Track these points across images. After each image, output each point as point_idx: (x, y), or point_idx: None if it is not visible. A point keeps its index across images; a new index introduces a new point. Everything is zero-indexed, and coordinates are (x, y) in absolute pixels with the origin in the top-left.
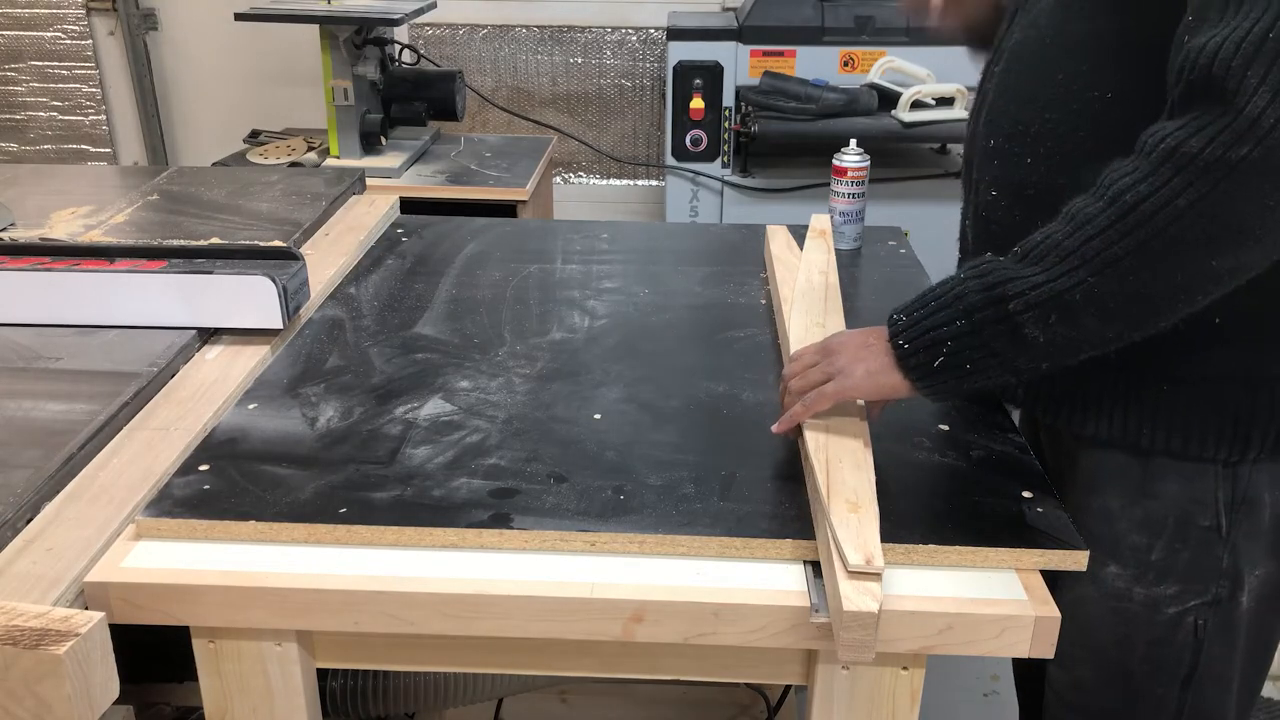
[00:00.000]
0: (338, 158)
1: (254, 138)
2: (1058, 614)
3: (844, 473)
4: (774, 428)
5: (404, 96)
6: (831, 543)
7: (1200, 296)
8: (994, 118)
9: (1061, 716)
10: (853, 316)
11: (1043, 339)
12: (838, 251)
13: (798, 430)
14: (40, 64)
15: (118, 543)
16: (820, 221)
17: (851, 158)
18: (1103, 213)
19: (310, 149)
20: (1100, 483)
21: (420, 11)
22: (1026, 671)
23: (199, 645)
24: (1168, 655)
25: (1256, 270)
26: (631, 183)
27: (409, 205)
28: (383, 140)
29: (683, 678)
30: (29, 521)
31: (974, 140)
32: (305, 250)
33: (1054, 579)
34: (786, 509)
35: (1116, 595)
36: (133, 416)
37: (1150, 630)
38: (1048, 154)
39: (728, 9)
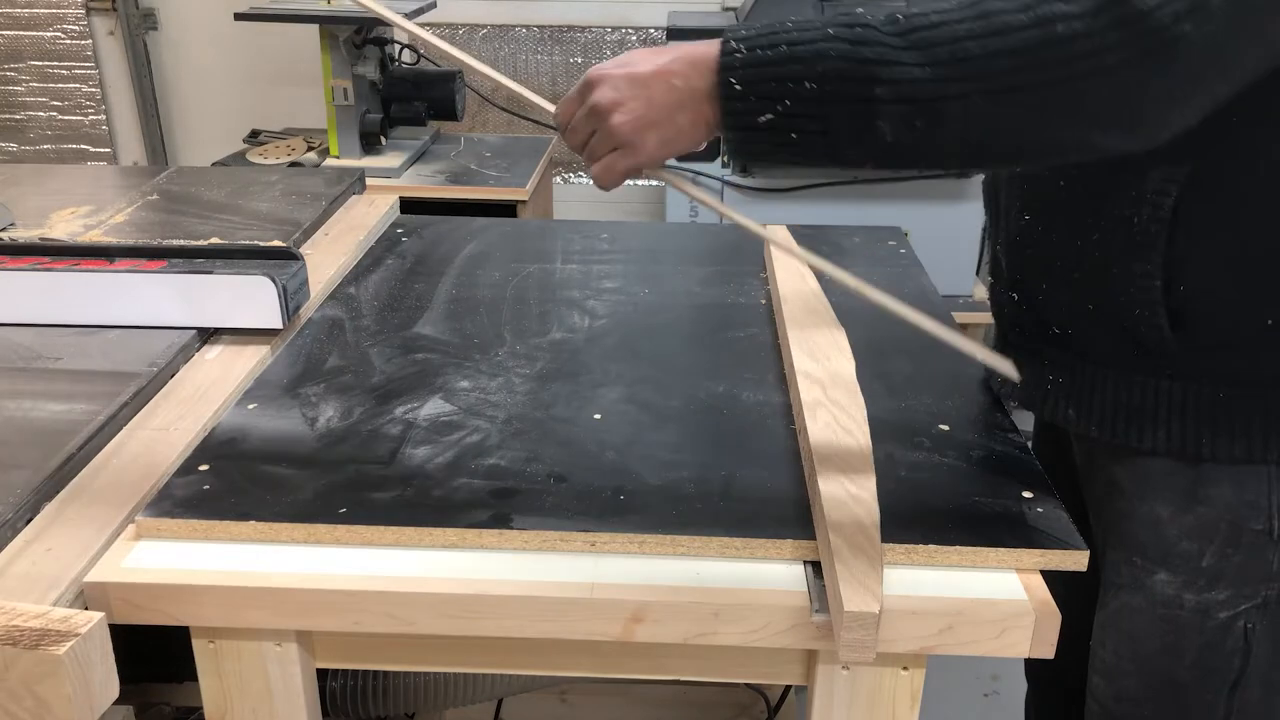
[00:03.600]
0: (338, 158)
1: (254, 138)
2: (1058, 614)
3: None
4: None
5: (404, 96)
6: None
7: (1058, 160)
8: None
9: None
10: (853, 316)
11: (890, 138)
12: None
13: (798, 430)
14: (40, 64)
15: (118, 543)
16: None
17: None
18: (1024, 30)
19: (310, 149)
20: (1147, 490)
21: (420, 11)
22: (1043, 674)
23: (199, 645)
24: (1217, 661)
25: (1112, 158)
26: (631, 183)
27: (409, 205)
28: (383, 140)
29: (683, 678)
30: (29, 521)
31: None
32: (305, 250)
33: (1094, 591)
34: (786, 509)
35: (1166, 603)
36: (133, 416)
37: (1200, 636)
38: (1079, 175)
39: (728, 9)
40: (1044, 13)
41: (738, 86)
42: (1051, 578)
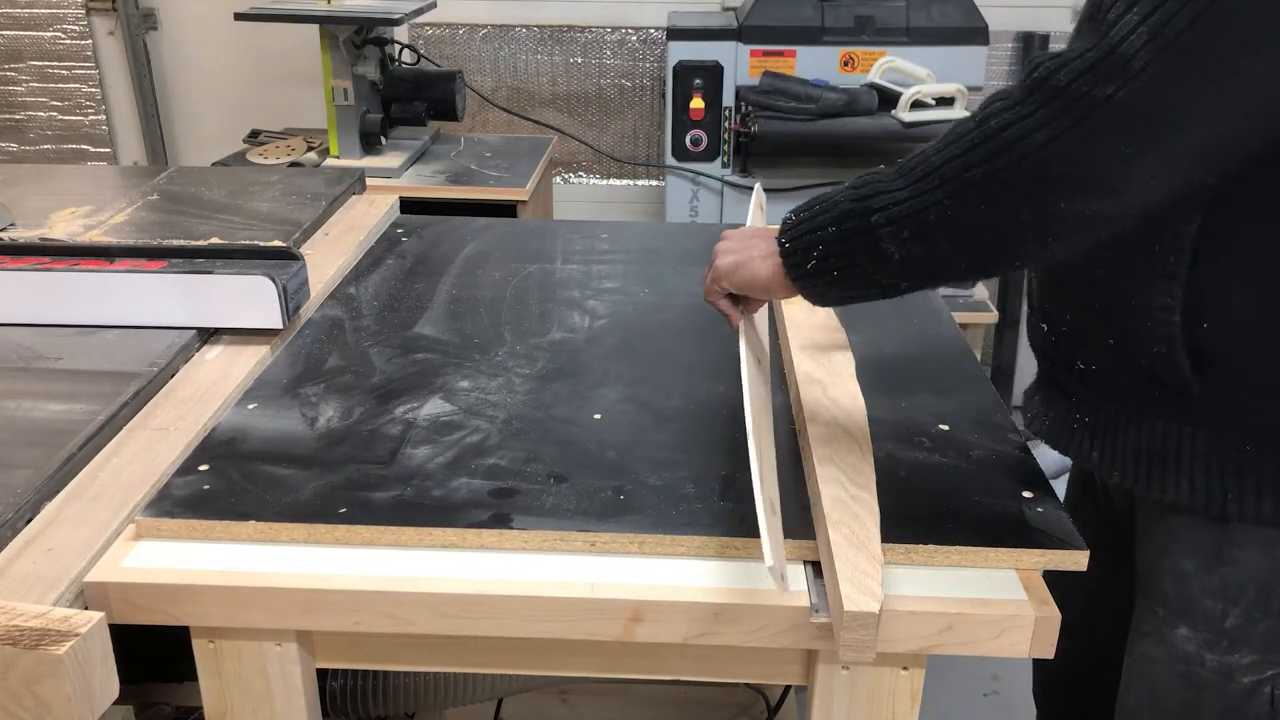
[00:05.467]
0: (338, 158)
1: (254, 138)
2: (1058, 614)
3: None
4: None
5: (404, 96)
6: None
7: (1050, 240)
8: None
9: None
10: (853, 316)
11: (897, 255)
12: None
13: (798, 430)
14: (40, 64)
15: (118, 543)
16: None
17: None
18: (969, 134)
19: (310, 149)
20: (1173, 544)
21: (420, 11)
22: (1055, 688)
23: (199, 645)
24: None
25: (1114, 226)
26: (631, 183)
27: (409, 205)
28: (383, 140)
29: (683, 678)
30: (29, 521)
31: None
32: (305, 250)
33: (1119, 635)
34: (787, 509)
35: (1186, 659)
36: (133, 416)
37: (1222, 699)
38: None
39: (728, 9)
40: (984, 114)
41: (787, 244)
42: (1088, 611)
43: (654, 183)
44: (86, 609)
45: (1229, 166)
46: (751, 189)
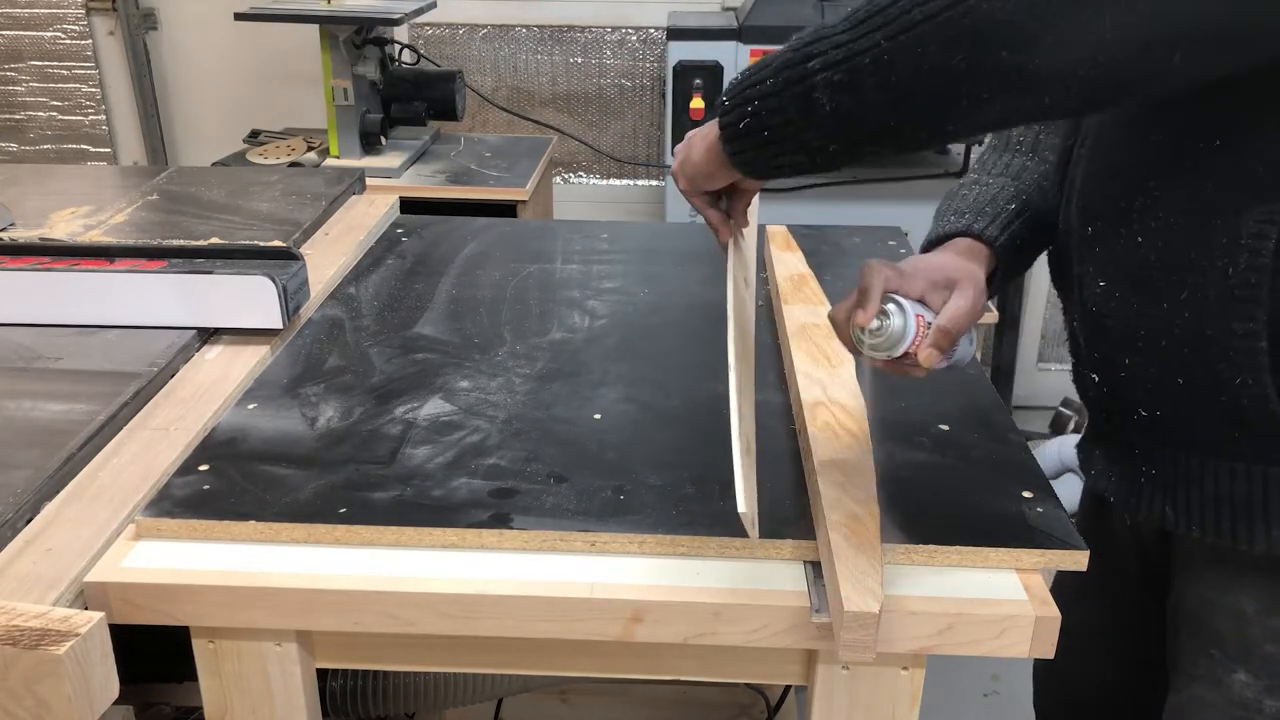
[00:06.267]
0: (338, 158)
1: (254, 138)
2: (1058, 614)
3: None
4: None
5: (404, 96)
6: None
7: (984, 98)
8: (1088, 203)
9: None
10: None
11: (828, 107)
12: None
13: (798, 430)
14: (40, 64)
15: (118, 543)
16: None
17: None
18: None
19: (310, 149)
20: (1232, 585)
21: (420, 11)
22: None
23: (199, 645)
24: None
25: (1054, 98)
26: (631, 183)
27: (409, 205)
28: (383, 140)
29: (683, 678)
30: (29, 521)
31: (1068, 233)
32: (305, 250)
33: (1162, 675)
34: (787, 509)
35: (1244, 705)
36: (133, 416)
37: None
38: (1159, 227)
39: (728, 9)
40: None
41: (726, 103)
42: (1115, 651)
43: (654, 183)
44: (86, 609)
45: (1200, 52)
46: None
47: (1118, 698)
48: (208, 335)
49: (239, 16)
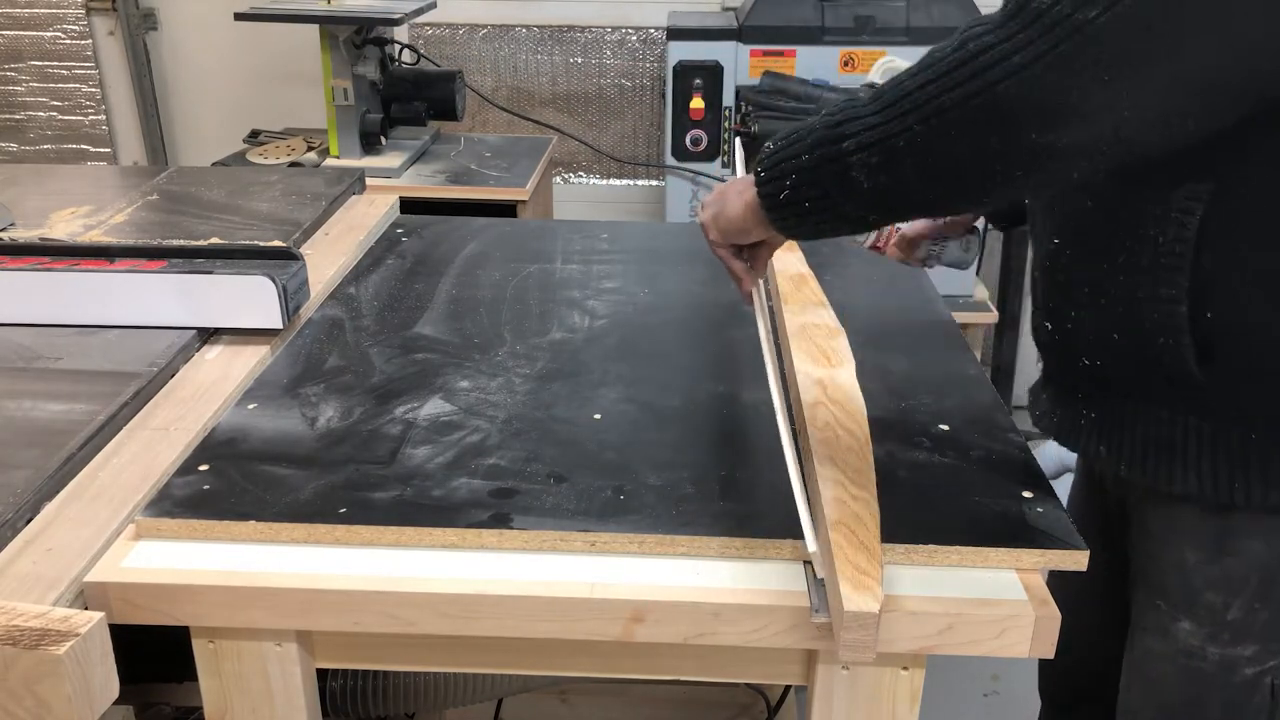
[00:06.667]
0: (338, 158)
1: (254, 138)
2: (1058, 614)
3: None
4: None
5: (404, 96)
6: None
7: (1019, 174)
8: None
9: None
10: (854, 317)
11: (866, 185)
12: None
13: (798, 430)
14: (40, 64)
15: (118, 543)
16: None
17: None
18: (946, 58)
19: (310, 149)
20: (1174, 535)
21: (420, 11)
22: (1059, 696)
23: (199, 645)
24: (1243, 718)
25: (1085, 163)
26: (631, 183)
27: (409, 205)
28: (383, 140)
29: (683, 678)
30: (29, 521)
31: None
32: (305, 250)
33: (1119, 629)
34: (787, 509)
35: (1188, 653)
36: (133, 416)
37: (1225, 692)
38: (1106, 194)
39: (728, 9)
40: (962, 38)
41: (763, 174)
42: (1082, 605)
43: (654, 183)
44: (86, 609)
45: (1214, 112)
46: None
47: (1100, 664)
48: (208, 335)
49: (239, 16)
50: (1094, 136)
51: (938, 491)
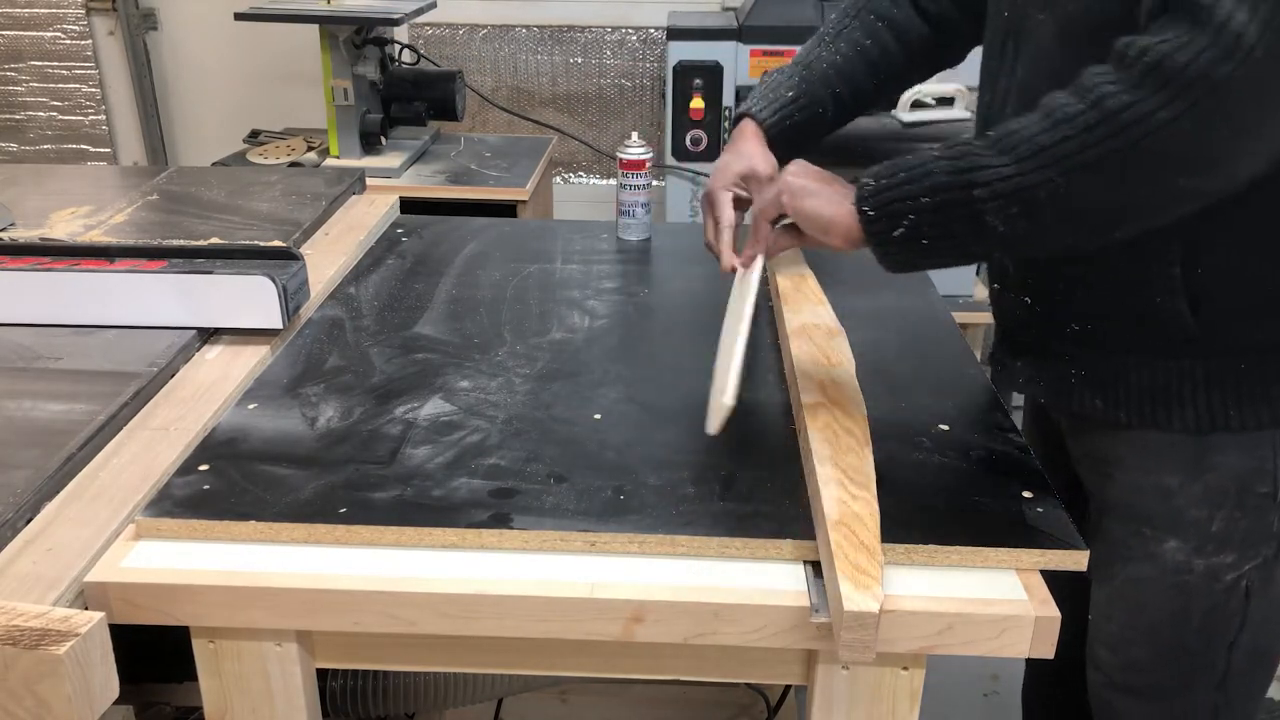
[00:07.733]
0: (338, 158)
1: (254, 138)
2: (1058, 614)
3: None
4: (738, 261)
5: (404, 96)
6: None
7: (1160, 214)
8: (1025, 109)
9: (1111, 700)
10: (854, 317)
11: (1001, 229)
12: (632, 242)
13: (798, 430)
14: (40, 64)
15: (118, 543)
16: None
17: (638, 150)
18: (1082, 114)
19: (310, 149)
20: (1154, 463)
21: (420, 11)
22: (1046, 674)
23: (199, 645)
24: (1220, 622)
25: (1214, 198)
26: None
27: (409, 205)
28: (383, 140)
29: (683, 678)
30: (29, 521)
31: None
32: (305, 250)
33: (1100, 566)
34: (786, 509)
35: (1176, 569)
36: (133, 416)
37: (1207, 599)
38: None
39: (728, 9)
40: (1095, 96)
41: (871, 212)
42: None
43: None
44: (86, 609)
45: None
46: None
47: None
48: (208, 335)
49: (239, 16)
50: (1229, 178)
51: (937, 491)
